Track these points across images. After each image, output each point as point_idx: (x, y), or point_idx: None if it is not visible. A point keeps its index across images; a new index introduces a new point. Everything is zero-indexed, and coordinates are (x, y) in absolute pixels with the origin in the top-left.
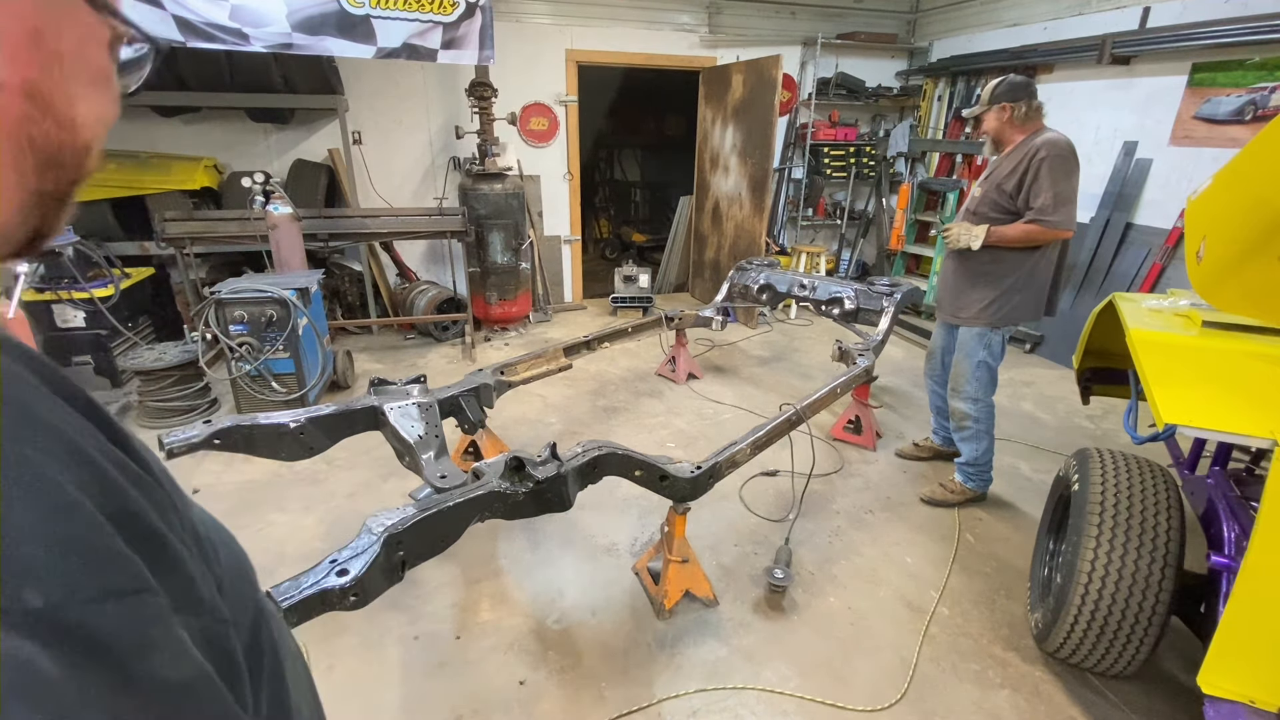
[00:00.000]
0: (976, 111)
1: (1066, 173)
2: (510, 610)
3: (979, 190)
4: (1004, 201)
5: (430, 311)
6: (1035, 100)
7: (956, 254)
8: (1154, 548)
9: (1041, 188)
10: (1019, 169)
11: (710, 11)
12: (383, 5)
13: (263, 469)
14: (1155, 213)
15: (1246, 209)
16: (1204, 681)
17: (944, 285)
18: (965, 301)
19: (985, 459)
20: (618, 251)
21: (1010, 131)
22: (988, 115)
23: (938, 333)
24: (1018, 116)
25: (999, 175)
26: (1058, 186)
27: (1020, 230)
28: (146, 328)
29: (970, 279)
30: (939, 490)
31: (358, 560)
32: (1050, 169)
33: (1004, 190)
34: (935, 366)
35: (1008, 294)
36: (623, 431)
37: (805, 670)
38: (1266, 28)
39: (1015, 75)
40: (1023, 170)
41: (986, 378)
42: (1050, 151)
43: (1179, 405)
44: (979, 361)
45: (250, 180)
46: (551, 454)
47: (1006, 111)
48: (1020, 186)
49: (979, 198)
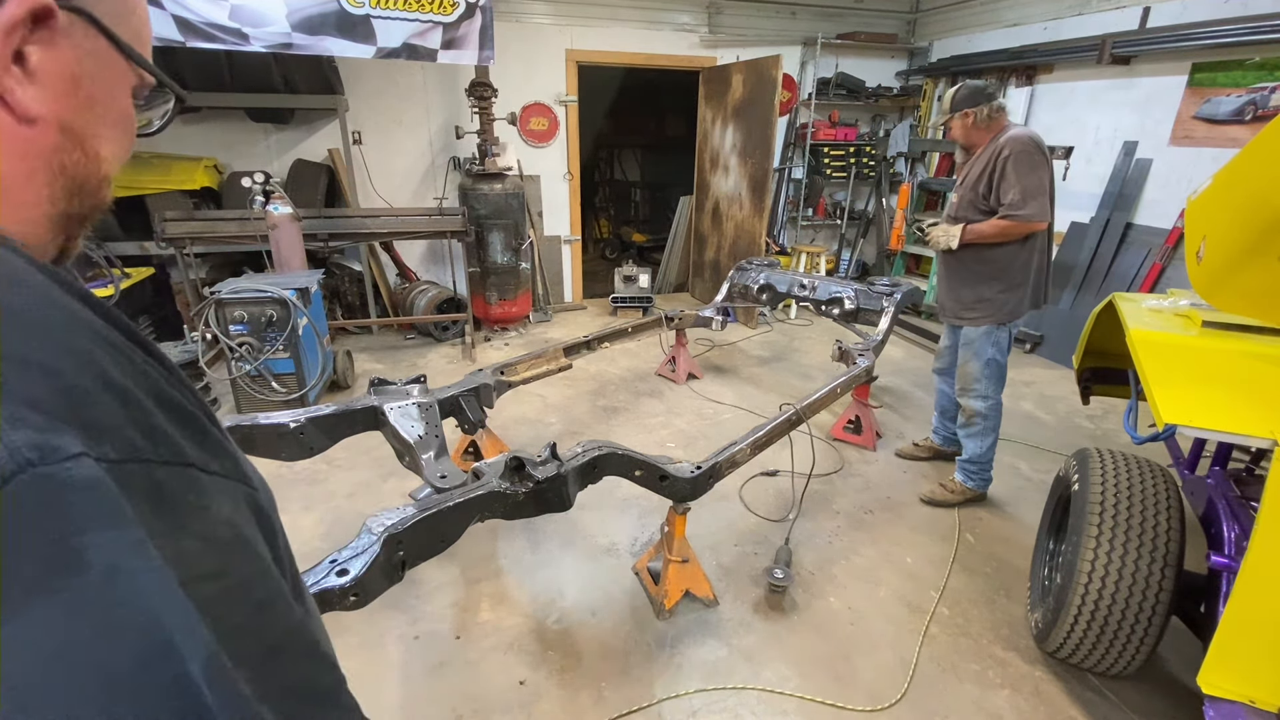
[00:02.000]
0: (940, 122)
1: (1031, 166)
2: (510, 610)
3: (955, 196)
4: (979, 203)
5: (430, 311)
6: (995, 102)
7: (946, 256)
8: (1154, 548)
9: (1009, 184)
10: (987, 169)
11: (710, 11)
12: (383, 5)
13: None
14: (1155, 213)
15: (1246, 209)
16: (1204, 681)
17: (942, 288)
18: (965, 302)
19: (988, 456)
20: (618, 251)
21: (976, 135)
22: (952, 123)
23: (946, 333)
24: (980, 121)
25: (971, 178)
26: (1024, 181)
27: (994, 226)
28: (146, 328)
29: (965, 279)
30: (939, 490)
31: (358, 560)
32: (1015, 165)
33: (978, 192)
34: (946, 364)
35: (1007, 290)
36: (623, 431)
37: (805, 670)
38: (1266, 28)
39: (971, 80)
40: (990, 170)
41: (996, 374)
42: (1014, 149)
43: (1179, 405)
44: (989, 359)
45: (250, 180)
46: (551, 454)
47: (969, 117)
48: (991, 186)
49: (956, 202)
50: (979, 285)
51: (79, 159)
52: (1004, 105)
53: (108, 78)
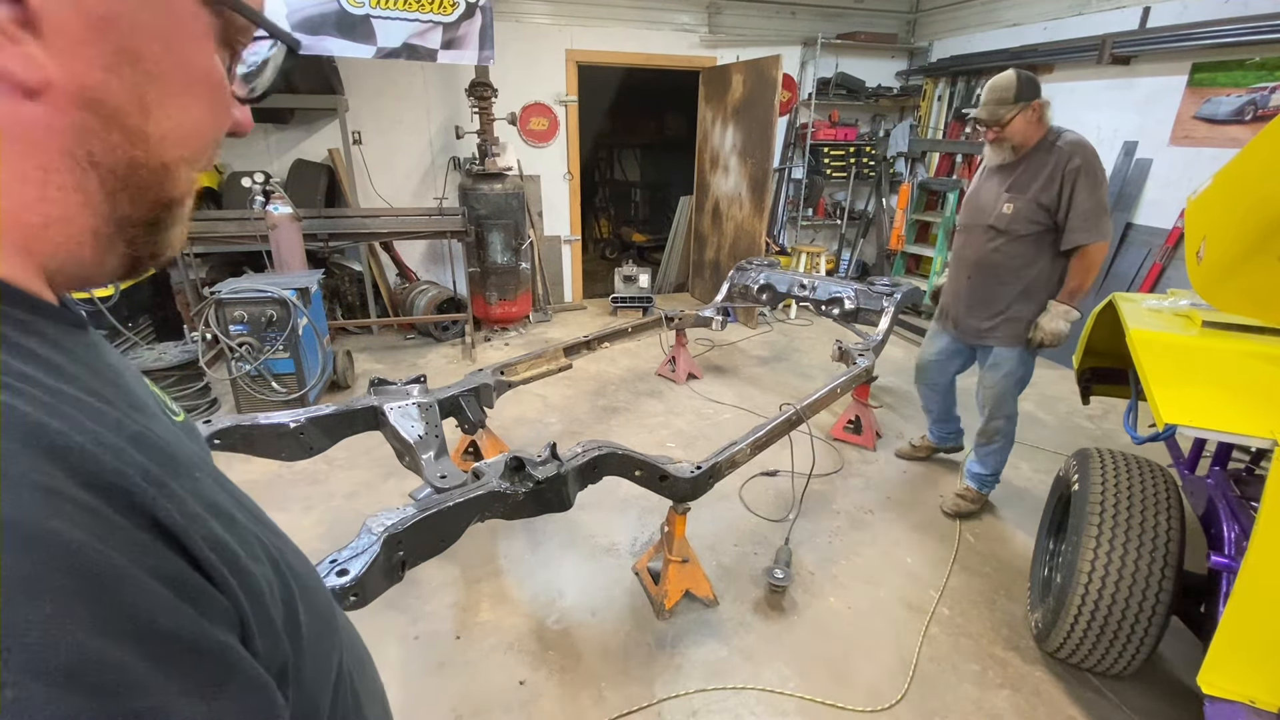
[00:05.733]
0: (994, 116)
1: (1101, 178)
2: (510, 610)
3: (1008, 206)
4: (1038, 216)
5: (430, 311)
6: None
7: (974, 266)
8: (1154, 548)
9: (1082, 200)
10: (1054, 179)
11: (710, 11)
12: (383, 5)
13: (263, 469)
14: (1155, 213)
15: (1246, 209)
16: (1204, 681)
17: (960, 303)
18: (995, 319)
19: (1003, 466)
20: (618, 251)
21: (1034, 132)
22: (1013, 118)
23: (939, 343)
24: (1046, 115)
25: (1030, 186)
26: (1097, 194)
27: (1083, 271)
28: (146, 327)
29: (996, 295)
30: (961, 503)
31: (358, 560)
32: (1088, 178)
33: (1039, 204)
34: (933, 375)
35: (1040, 305)
36: (623, 431)
37: (805, 670)
38: (1266, 28)
39: (1019, 70)
40: (1057, 179)
41: (1021, 392)
42: (1085, 157)
43: (1179, 405)
44: (1020, 379)
45: (250, 180)
46: (551, 454)
47: (1035, 110)
48: (1059, 199)
49: (1010, 215)
50: (1014, 301)
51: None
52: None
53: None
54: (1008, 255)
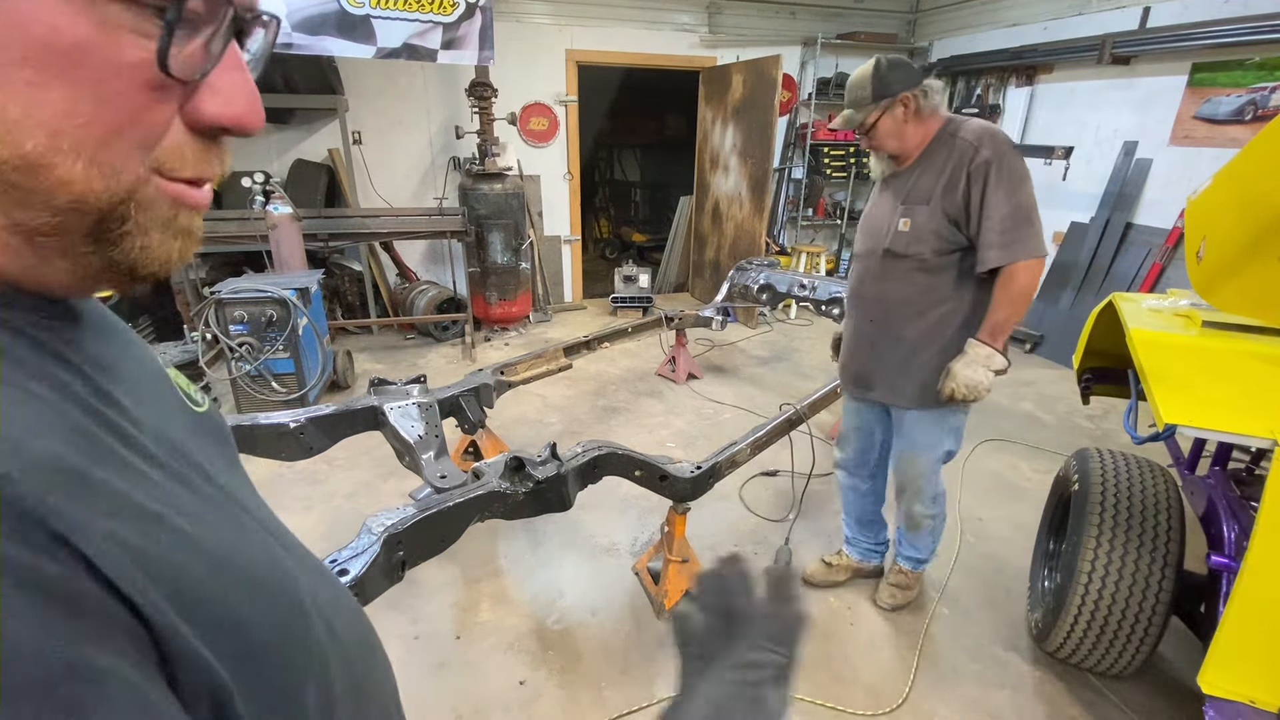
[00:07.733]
0: (863, 119)
1: (1022, 172)
2: (510, 610)
3: (904, 222)
4: (945, 233)
5: (430, 311)
6: (931, 80)
7: (879, 306)
8: (1154, 548)
9: (998, 203)
10: (956, 180)
11: (710, 11)
12: (383, 5)
13: (263, 469)
14: (1155, 213)
15: (1247, 209)
16: (1204, 681)
17: (860, 354)
18: (909, 372)
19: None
20: (618, 251)
21: (912, 134)
22: (879, 121)
23: (853, 412)
24: (924, 110)
25: (926, 194)
26: (1019, 195)
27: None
28: (146, 327)
29: (914, 340)
30: (898, 594)
31: (357, 560)
32: (1002, 173)
33: (947, 214)
34: (852, 456)
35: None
36: (623, 431)
37: (805, 670)
38: (1266, 28)
39: (883, 57)
40: (957, 182)
41: (946, 463)
42: (995, 148)
43: (1179, 405)
44: (944, 453)
45: (250, 180)
46: (551, 454)
47: (907, 105)
48: (965, 207)
49: (909, 234)
50: (923, 346)
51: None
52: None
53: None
54: (913, 287)
